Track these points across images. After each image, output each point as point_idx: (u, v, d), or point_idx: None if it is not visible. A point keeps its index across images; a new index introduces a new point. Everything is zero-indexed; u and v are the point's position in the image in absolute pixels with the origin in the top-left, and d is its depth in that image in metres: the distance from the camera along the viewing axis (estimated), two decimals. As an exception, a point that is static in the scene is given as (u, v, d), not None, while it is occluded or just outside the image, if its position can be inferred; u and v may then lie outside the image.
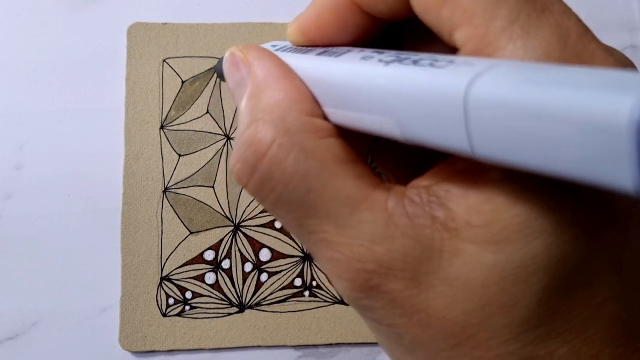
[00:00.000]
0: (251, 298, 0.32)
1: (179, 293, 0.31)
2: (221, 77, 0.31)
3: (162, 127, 0.33)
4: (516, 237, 0.13)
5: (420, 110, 0.12)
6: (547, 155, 0.10)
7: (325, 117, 0.16)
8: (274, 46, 0.18)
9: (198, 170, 0.32)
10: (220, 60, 0.31)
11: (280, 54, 0.17)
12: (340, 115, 0.15)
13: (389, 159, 0.18)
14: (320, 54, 0.16)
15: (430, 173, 0.15)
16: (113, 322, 0.31)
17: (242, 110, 0.16)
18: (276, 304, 0.32)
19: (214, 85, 0.33)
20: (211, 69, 0.33)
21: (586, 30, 0.13)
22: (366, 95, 0.14)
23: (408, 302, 0.14)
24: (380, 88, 0.13)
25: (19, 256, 0.32)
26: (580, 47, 0.13)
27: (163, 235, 0.32)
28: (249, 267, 0.32)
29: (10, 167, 0.32)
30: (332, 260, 0.15)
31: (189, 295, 0.32)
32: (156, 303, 0.31)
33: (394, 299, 0.14)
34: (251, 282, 0.32)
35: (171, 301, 0.31)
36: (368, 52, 0.15)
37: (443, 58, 0.13)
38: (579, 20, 0.13)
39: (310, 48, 0.17)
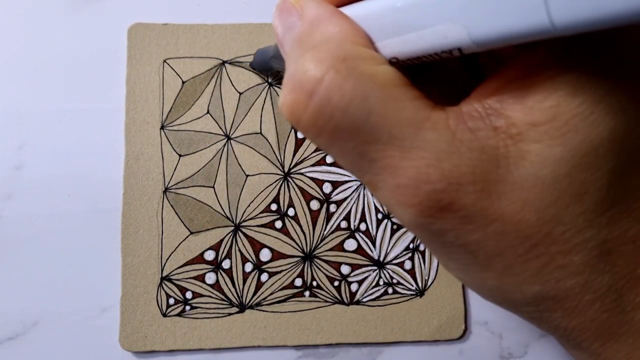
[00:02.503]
0: (251, 298, 0.32)
1: (179, 293, 0.31)
2: (259, 66, 0.32)
3: (162, 127, 0.33)
4: (583, 124, 0.13)
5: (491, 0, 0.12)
6: None
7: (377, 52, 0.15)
8: None
9: (198, 170, 0.32)
10: (258, 52, 0.32)
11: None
12: (396, 44, 0.15)
13: (427, 88, 0.18)
14: None
15: (477, 92, 0.15)
16: (113, 322, 0.31)
17: (292, 47, 0.16)
18: (276, 304, 0.32)
19: (214, 85, 0.33)
20: (210, 69, 0.33)
21: None
22: (427, 9, 0.13)
23: (480, 214, 0.14)
24: None
25: (19, 256, 0.32)
26: None
27: (163, 235, 0.32)
28: (249, 267, 0.32)
29: (10, 167, 0.32)
30: (399, 188, 0.14)
31: (189, 295, 0.32)
32: (156, 303, 0.31)
33: (466, 215, 0.14)
34: (251, 282, 0.32)
35: (171, 301, 0.31)
36: None
37: None
38: None
39: None
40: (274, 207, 0.32)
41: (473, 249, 0.15)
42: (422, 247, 0.33)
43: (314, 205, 0.33)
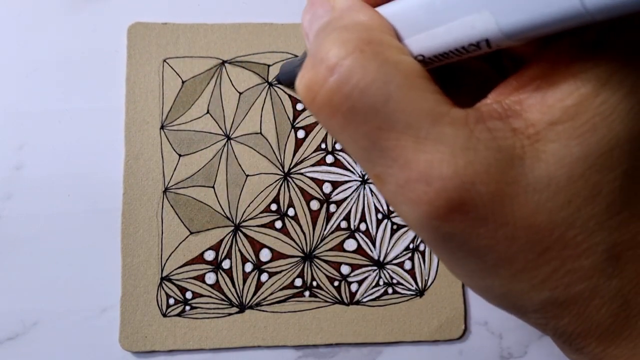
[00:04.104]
0: (251, 298, 0.32)
1: (179, 293, 0.31)
2: (285, 77, 0.32)
3: (162, 127, 0.33)
4: (602, 124, 0.13)
5: None
6: None
7: None
8: None
9: (198, 170, 0.32)
10: (283, 65, 0.32)
11: None
12: (423, 40, 0.15)
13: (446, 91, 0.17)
14: None
15: (496, 91, 0.15)
16: (113, 322, 0.31)
17: (319, 30, 0.15)
18: (276, 304, 0.32)
19: (214, 85, 0.33)
20: (210, 69, 0.33)
21: None
22: (455, 0, 0.13)
23: (492, 217, 0.14)
24: None
25: (19, 256, 0.32)
26: None
27: (163, 235, 0.32)
28: (249, 267, 0.32)
29: (10, 167, 0.32)
30: (408, 182, 0.14)
31: (189, 295, 0.32)
32: (156, 303, 0.31)
33: (476, 217, 0.14)
34: (251, 282, 0.32)
35: (171, 301, 0.31)
36: None
37: None
38: None
39: None
40: (274, 207, 0.32)
41: (481, 255, 0.14)
42: (422, 247, 0.33)
43: (314, 205, 0.33)
